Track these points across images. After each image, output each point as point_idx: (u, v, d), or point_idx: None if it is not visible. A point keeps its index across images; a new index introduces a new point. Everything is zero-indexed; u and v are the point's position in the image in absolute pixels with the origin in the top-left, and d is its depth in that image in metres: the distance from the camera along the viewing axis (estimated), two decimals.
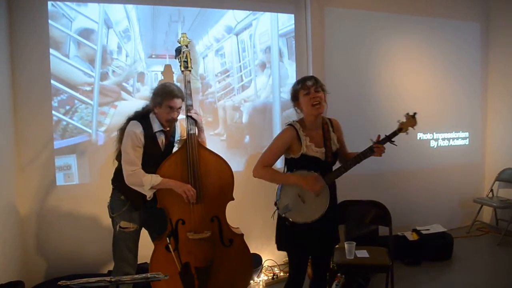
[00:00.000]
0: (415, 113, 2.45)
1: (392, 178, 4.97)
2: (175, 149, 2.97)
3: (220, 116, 4.17)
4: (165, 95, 2.67)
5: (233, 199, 2.87)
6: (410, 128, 2.47)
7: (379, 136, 2.45)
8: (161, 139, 2.78)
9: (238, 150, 4.25)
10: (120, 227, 2.73)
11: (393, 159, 4.83)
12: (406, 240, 4.50)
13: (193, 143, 2.75)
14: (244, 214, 3.77)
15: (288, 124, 2.48)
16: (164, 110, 2.69)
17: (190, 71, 2.88)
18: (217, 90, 4.15)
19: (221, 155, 2.91)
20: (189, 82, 2.84)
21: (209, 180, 2.78)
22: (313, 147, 2.42)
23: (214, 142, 4.04)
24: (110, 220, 2.87)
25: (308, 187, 2.35)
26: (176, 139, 2.93)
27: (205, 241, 2.75)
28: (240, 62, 4.21)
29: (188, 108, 2.82)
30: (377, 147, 2.40)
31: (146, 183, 2.63)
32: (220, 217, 2.84)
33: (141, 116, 2.74)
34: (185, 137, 2.84)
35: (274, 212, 2.52)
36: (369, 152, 2.41)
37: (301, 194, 2.42)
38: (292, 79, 4.41)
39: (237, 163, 4.13)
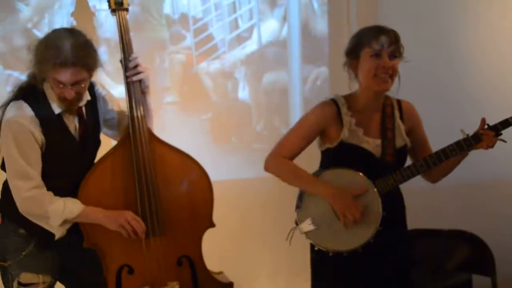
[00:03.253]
0: None
1: (496, 192, 3.81)
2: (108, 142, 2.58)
3: (201, 88, 3.57)
4: (45, 61, 2.12)
5: (213, 225, 2.51)
6: None
7: (484, 120, 2.15)
8: (73, 123, 2.29)
9: (231, 145, 3.64)
10: (19, 283, 2.26)
11: (499, 162, 3.78)
12: None
13: (142, 134, 2.33)
14: (239, 247, 3.43)
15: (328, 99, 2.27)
16: (52, 84, 2.19)
17: (127, 10, 2.38)
18: (195, 42, 3.52)
19: (202, 153, 2.71)
20: (125, 31, 2.35)
21: (172, 196, 2.43)
22: (360, 133, 2.15)
23: (191, 131, 3.45)
24: None
25: (339, 208, 2.06)
26: (102, 118, 2.49)
27: None
28: None
29: (128, 71, 2.36)
30: (486, 134, 2.12)
31: (54, 214, 2.17)
32: (192, 256, 2.48)
33: (30, 92, 2.26)
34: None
35: (291, 232, 2.22)
36: (472, 141, 2.13)
37: None
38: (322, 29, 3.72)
39: (229, 167, 3.54)
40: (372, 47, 2.07)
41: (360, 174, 2.16)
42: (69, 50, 2.10)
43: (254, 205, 3.45)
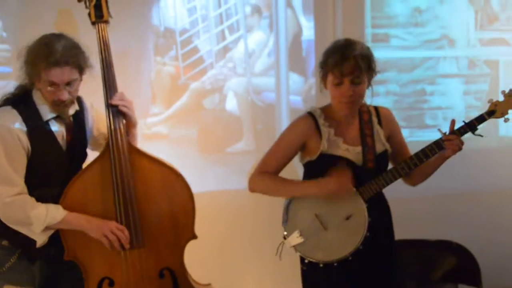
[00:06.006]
0: None
1: (482, 202, 3.77)
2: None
3: (187, 100, 3.56)
4: (38, 60, 2.15)
5: (194, 236, 2.48)
6: (510, 113, 2.23)
7: (453, 122, 2.18)
8: (61, 132, 2.30)
9: (217, 156, 3.60)
10: None
11: (485, 172, 3.78)
12: None
13: (121, 145, 2.35)
14: (226, 257, 3.39)
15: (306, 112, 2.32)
16: (44, 86, 2.20)
17: (107, 22, 2.36)
18: (182, 54, 3.54)
19: (189, 163, 2.82)
20: (104, 42, 2.34)
21: (152, 208, 2.42)
22: (340, 143, 2.19)
23: (178, 141, 3.49)
24: None
25: (334, 189, 2.08)
26: (90, 135, 2.52)
27: None
28: (220, 7, 3.60)
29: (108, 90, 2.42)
30: (448, 140, 2.13)
31: (36, 220, 2.16)
32: (174, 268, 2.46)
33: (19, 98, 2.28)
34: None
35: (280, 247, 2.25)
36: (435, 148, 2.17)
37: (320, 215, 2.17)
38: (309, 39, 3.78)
39: (216, 178, 3.55)
40: (334, 75, 2.08)
41: (341, 167, 2.16)
42: (61, 50, 2.12)
43: (241, 215, 3.44)
